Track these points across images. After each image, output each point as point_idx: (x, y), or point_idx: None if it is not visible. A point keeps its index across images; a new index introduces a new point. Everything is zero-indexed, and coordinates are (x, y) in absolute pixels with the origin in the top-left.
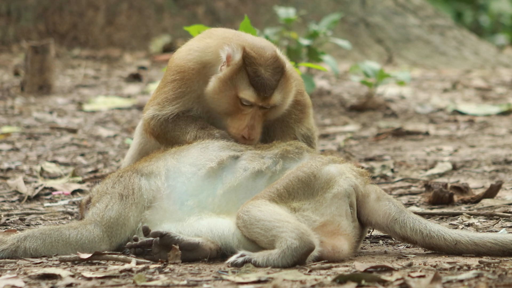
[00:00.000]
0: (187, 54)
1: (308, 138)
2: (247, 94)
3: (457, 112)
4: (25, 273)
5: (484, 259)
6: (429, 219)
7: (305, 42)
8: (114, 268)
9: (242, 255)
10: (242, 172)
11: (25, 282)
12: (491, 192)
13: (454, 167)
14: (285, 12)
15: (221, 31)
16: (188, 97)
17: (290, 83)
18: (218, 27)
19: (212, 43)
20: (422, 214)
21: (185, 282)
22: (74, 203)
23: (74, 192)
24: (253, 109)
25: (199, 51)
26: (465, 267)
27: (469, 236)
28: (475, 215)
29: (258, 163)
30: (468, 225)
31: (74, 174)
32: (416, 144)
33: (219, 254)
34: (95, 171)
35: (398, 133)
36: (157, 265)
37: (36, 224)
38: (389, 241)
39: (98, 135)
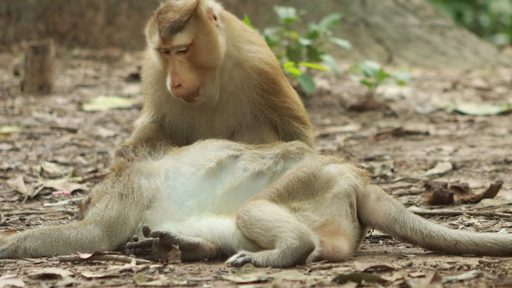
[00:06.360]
0: None
1: (283, 110)
2: (153, 40)
3: (457, 112)
4: (25, 273)
5: (484, 259)
6: (429, 219)
7: (305, 42)
8: (114, 268)
9: (242, 255)
10: (242, 173)
11: (25, 282)
12: (491, 192)
13: (454, 167)
14: (285, 12)
15: None
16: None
17: (204, 24)
18: None
19: None
20: (422, 214)
21: (185, 282)
22: (74, 203)
23: (74, 192)
24: (170, 55)
25: None
26: (465, 267)
27: (469, 236)
28: (475, 215)
29: (258, 163)
30: (468, 225)
31: (74, 174)
32: (416, 144)
33: (219, 254)
34: (95, 171)
35: (398, 133)
36: (157, 265)
37: (36, 224)
38: (389, 241)
39: (98, 135)
